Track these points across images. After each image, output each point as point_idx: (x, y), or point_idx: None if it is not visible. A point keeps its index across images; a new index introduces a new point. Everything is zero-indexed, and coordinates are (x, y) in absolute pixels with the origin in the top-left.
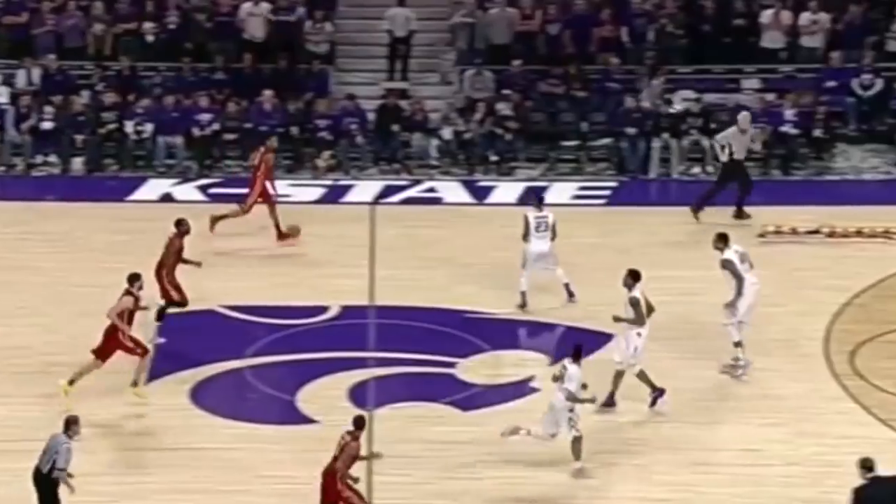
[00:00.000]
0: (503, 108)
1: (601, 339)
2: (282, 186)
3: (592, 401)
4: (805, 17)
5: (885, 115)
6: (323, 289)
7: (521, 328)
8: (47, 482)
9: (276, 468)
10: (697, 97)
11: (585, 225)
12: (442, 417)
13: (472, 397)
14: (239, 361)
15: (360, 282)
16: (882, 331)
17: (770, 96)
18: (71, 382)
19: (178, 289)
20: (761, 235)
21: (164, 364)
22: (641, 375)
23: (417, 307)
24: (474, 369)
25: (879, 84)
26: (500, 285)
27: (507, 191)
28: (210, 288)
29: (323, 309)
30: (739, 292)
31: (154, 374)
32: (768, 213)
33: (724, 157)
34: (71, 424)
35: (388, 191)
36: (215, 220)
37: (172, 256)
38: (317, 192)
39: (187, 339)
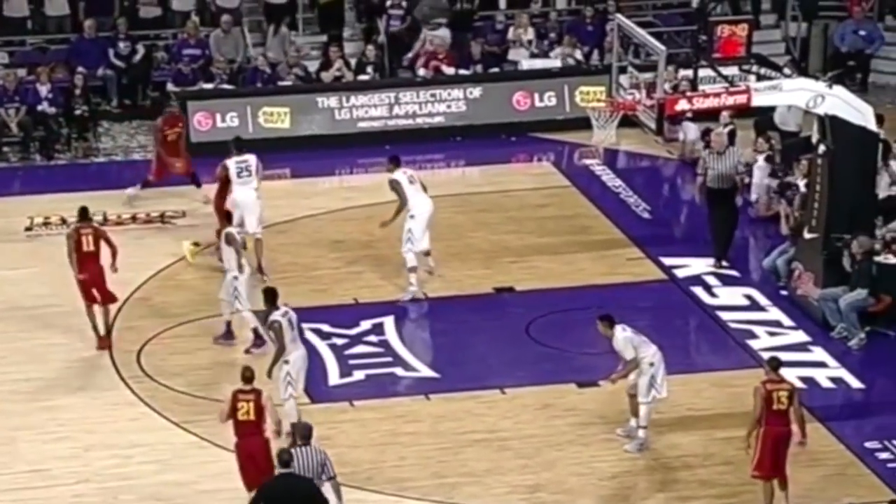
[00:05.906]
0: None
1: None
2: None
3: None
4: None
5: (147, 88)
6: None
7: None
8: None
9: None
10: None
11: None
12: None
13: None
14: None
15: None
16: (168, 325)
17: (21, 71)
18: None
19: None
20: (28, 229)
21: None
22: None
23: None
24: None
25: (139, 53)
26: None
27: None
28: None
29: None
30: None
31: None
32: (34, 203)
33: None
34: (305, 432)
35: None
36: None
37: None
38: None
39: None
